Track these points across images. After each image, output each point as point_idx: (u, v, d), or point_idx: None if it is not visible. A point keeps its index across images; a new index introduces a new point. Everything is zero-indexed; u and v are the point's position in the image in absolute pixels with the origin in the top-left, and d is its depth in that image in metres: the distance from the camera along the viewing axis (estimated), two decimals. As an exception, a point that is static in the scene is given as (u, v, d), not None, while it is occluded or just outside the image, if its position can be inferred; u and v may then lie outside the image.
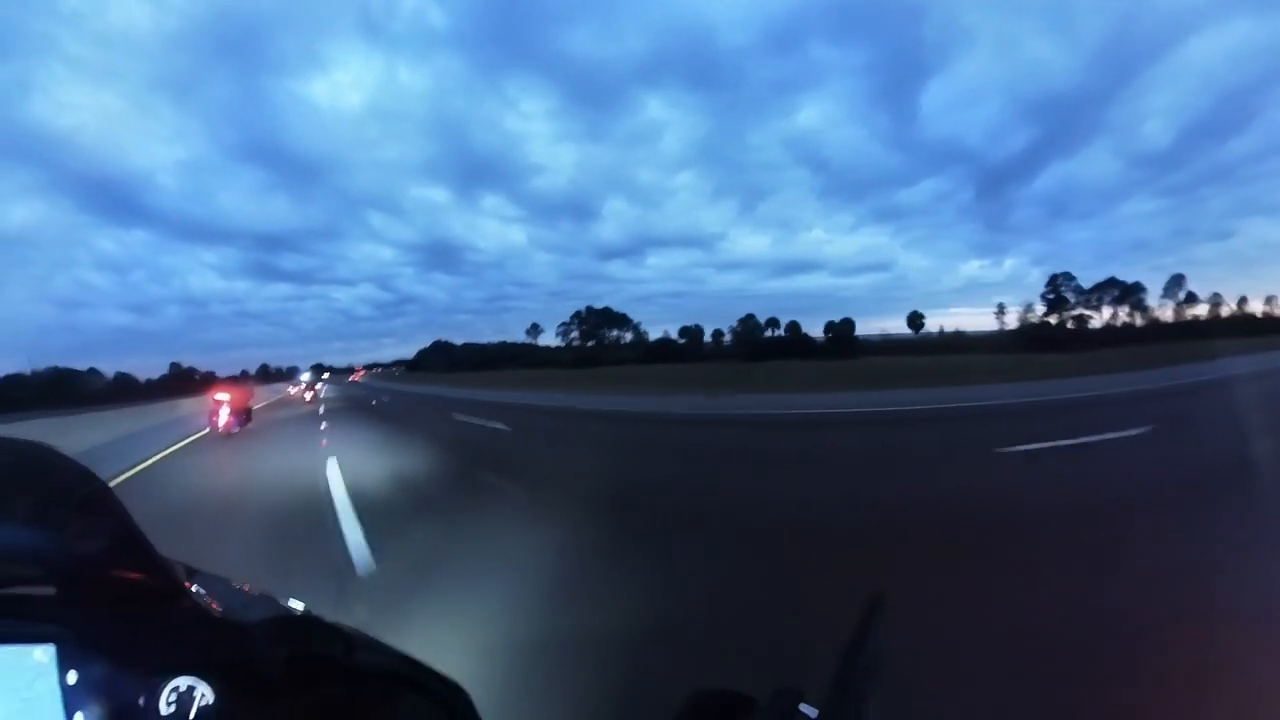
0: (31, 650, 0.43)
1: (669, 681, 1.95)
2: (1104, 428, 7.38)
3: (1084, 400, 11.37)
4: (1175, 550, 3.24)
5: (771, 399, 15.78)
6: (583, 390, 24.60)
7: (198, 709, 0.43)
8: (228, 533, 4.45)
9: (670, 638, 2.38)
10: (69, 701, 0.42)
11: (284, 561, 3.67)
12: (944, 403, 12.09)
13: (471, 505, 5.08)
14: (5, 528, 0.41)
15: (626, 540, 3.92)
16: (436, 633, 2.53)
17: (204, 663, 0.45)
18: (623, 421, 12.39)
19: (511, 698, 1.94)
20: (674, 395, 18.53)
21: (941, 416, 10.22)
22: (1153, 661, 2.06)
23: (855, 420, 10.74)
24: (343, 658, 0.50)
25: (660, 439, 9.63)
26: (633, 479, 6.15)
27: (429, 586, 3.08)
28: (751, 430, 10.23)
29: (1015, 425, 8.71)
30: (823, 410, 12.19)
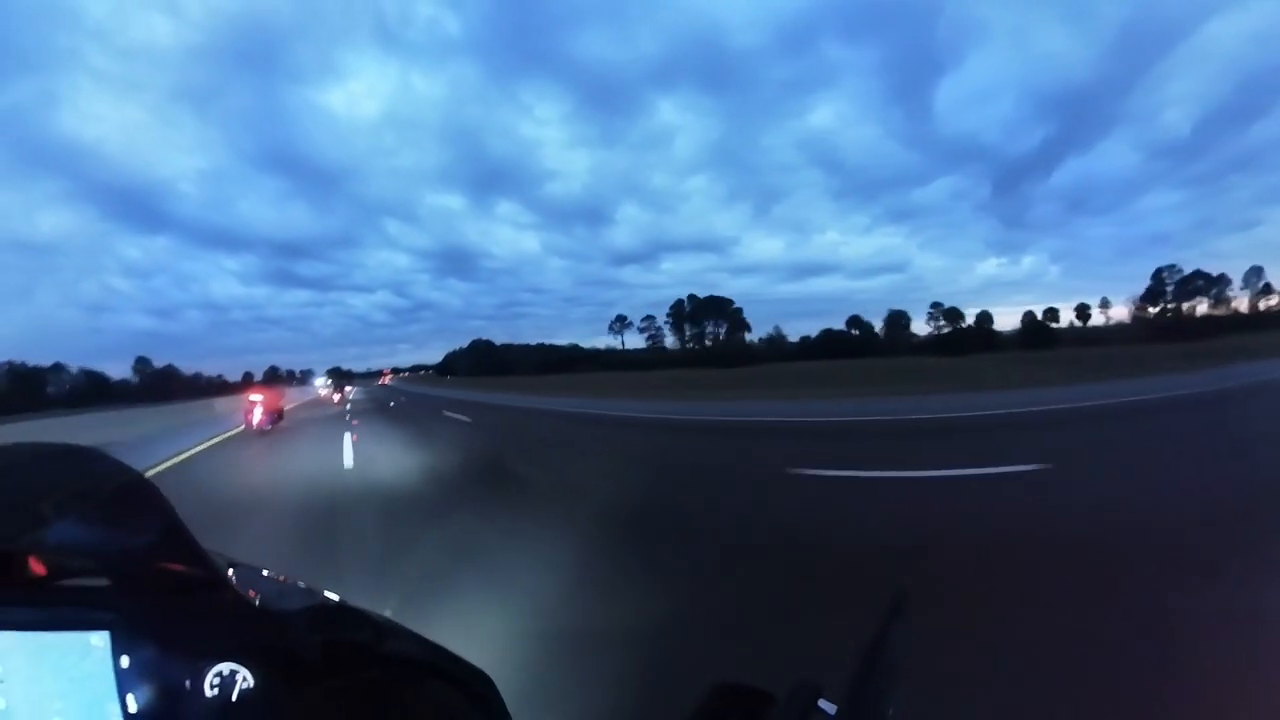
0: (88, 636, 0.46)
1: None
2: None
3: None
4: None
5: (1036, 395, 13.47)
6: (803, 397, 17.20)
7: (239, 692, 0.46)
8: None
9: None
10: (121, 683, 0.45)
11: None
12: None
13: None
14: (64, 525, 0.45)
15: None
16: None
17: (244, 649, 0.47)
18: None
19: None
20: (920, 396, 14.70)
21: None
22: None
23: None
24: (374, 645, 0.53)
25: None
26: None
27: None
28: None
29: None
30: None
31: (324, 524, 4.80)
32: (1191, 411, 9.73)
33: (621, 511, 4.68)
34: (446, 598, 2.99)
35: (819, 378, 28.28)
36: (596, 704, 1.89)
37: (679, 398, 20.59)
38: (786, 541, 3.82)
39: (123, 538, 0.47)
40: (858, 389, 19.47)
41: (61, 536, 0.46)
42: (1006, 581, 2.92)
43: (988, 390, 16.30)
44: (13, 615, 0.47)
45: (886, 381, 22.20)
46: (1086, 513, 4.15)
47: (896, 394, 16.70)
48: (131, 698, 0.45)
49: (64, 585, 0.49)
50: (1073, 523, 3.93)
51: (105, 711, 0.45)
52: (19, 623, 0.46)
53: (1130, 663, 2.04)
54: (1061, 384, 16.40)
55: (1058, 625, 2.37)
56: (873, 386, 20.27)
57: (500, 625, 2.59)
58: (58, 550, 0.48)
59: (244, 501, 6.03)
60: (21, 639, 0.46)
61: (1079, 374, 19.41)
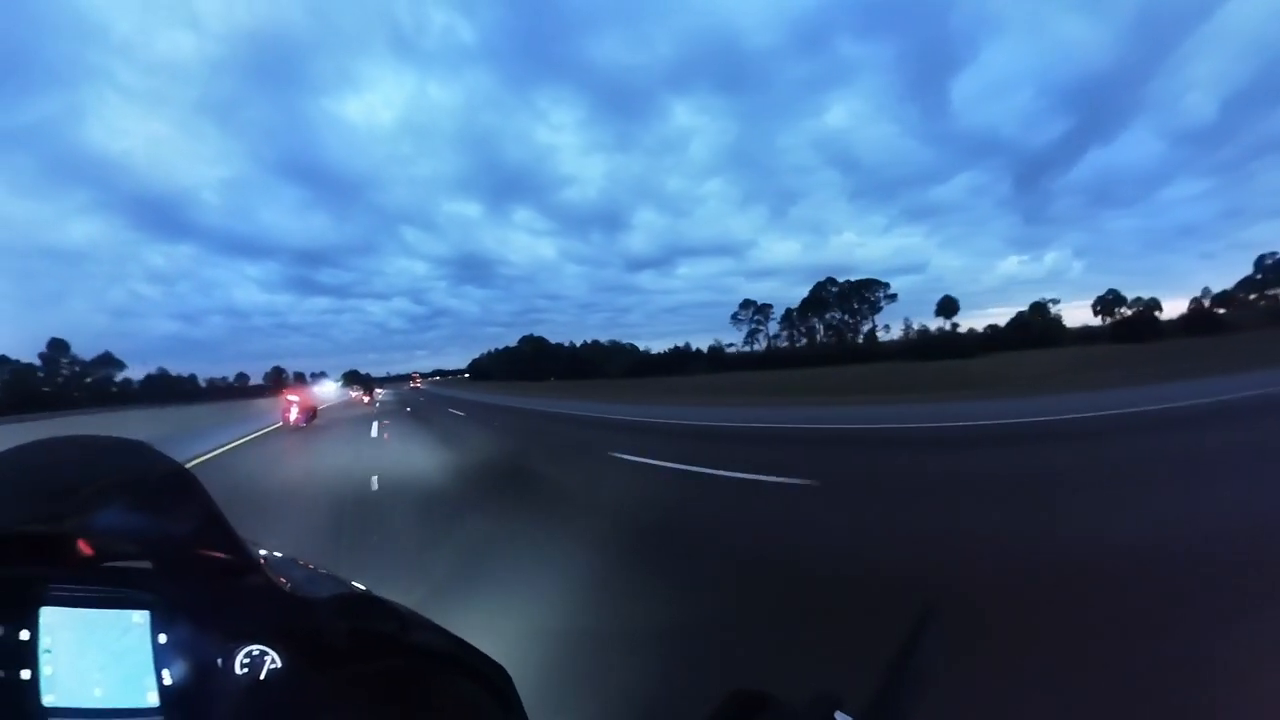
0: (130, 614, 0.49)
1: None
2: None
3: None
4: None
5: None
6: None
7: (267, 672, 0.49)
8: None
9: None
10: (158, 658, 0.48)
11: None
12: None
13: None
14: (111, 512, 0.49)
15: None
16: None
17: (274, 632, 0.50)
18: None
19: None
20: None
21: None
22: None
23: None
24: (398, 634, 0.55)
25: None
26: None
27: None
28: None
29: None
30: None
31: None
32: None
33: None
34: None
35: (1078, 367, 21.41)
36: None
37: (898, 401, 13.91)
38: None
39: (164, 524, 0.51)
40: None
41: (108, 522, 0.50)
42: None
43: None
44: (63, 592, 0.50)
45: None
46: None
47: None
48: (167, 672, 0.48)
49: (109, 566, 0.53)
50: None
51: (143, 684, 0.48)
52: (68, 599, 0.50)
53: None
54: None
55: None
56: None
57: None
58: (104, 534, 0.52)
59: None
60: (69, 614, 0.49)
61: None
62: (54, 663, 0.48)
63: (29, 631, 0.48)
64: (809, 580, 3.04)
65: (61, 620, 0.49)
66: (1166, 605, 2.49)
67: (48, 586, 0.50)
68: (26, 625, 0.48)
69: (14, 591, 0.49)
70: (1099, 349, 42.00)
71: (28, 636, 0.48)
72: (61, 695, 0.48)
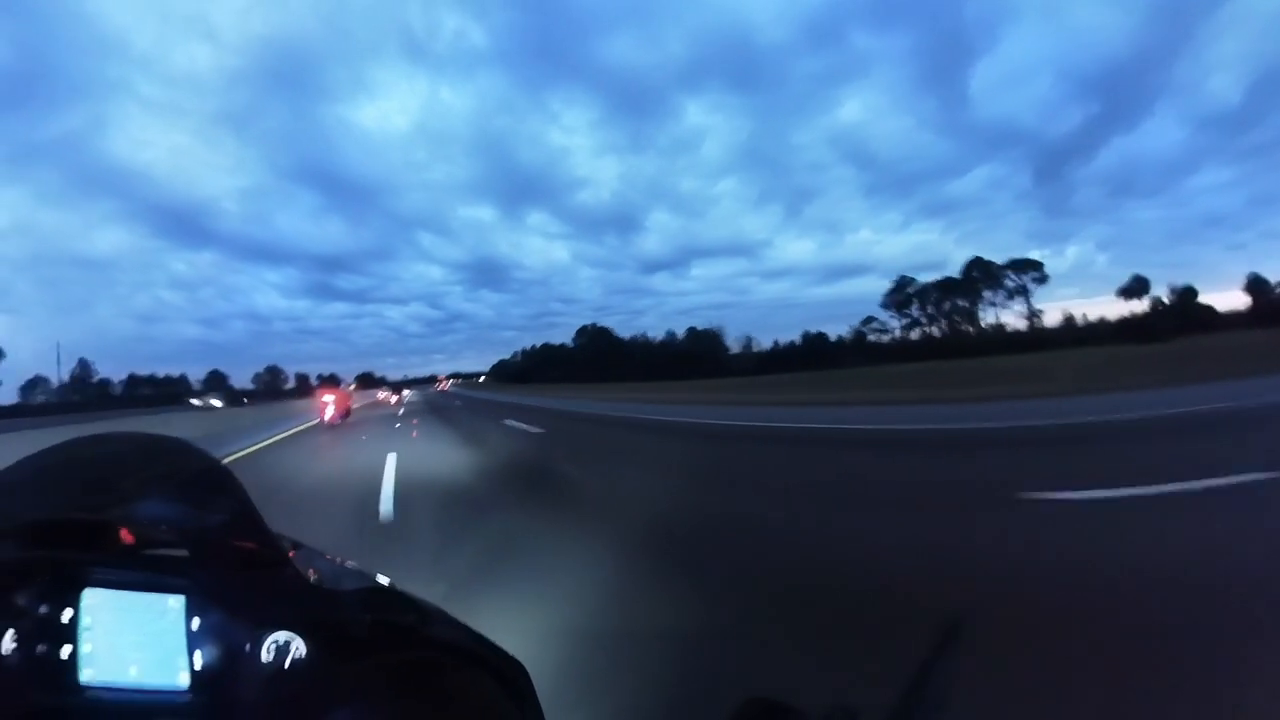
0: (166, 598, 0.52)
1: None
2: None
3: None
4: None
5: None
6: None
7: (292, 659, 0.50)
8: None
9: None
10: (191, 642, 0.51)
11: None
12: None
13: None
14: (151, 503, 0.53)
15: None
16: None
17: (300, 621, 0.52)
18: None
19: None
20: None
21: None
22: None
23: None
24: (419, 627, 0.57)
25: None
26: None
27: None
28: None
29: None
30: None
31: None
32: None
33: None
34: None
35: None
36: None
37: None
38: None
39: (201, 516, 0.54)
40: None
41: (148, 512, 0.53)
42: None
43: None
44: (104, 575, 0.53)
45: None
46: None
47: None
48: (198, 655, 0.51)
49: (148, 554, 0.55)
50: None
51: (175, 665, 0.50)
52: (109, 582, 0.53)
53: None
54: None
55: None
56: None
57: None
58: (144, 524, 0.55)
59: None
60: (110, 596, 0.52)
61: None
62: (93, 641, 0.51)
63: (72, 611, 0.51)
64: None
65: (102, 602, 0.52)
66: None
67: (91, 570, 0.53)
68: (70, 605, 0.51)
69: (60, 573, 0.53)
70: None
71: (70, 616, 0.51)
72: (99, 672, 0.50)
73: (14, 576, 0.53)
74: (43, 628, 0.51)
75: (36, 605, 0.52)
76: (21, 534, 0.54)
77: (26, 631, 0.51)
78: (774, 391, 21.97)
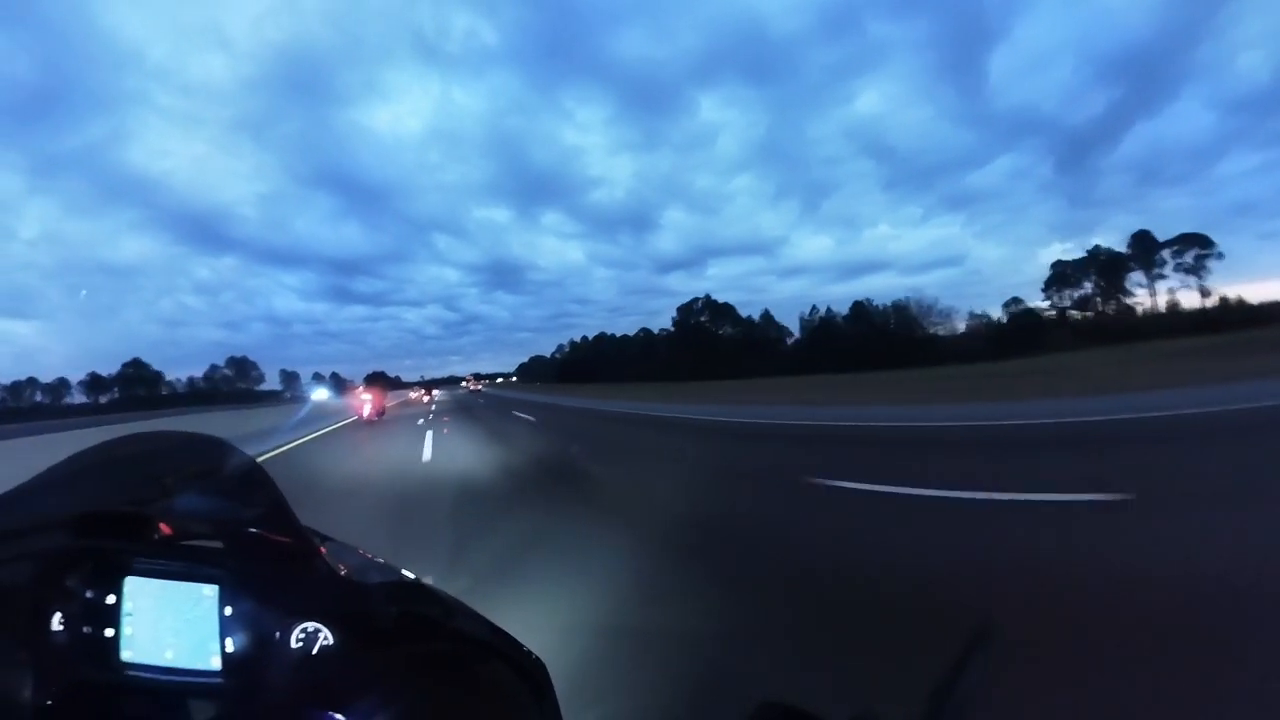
0: (201, 587, 0.56)
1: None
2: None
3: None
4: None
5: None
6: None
7: (319, 647, 0.53)
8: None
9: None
10: (223, 628, 0.54)
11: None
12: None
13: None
14: (189, 497, 0.58)
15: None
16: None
17: (328, 611, 0.55)
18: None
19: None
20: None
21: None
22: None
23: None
24: (443, 621, 0.59)
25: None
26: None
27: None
28: None
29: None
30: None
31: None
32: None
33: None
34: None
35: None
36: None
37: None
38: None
39: (235, 511, 0.58)
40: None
41: (186, 506, 0.58)
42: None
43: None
44: (145, 564, 0.57)
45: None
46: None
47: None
48: (230, 641, 0.54)
49: (186, 545, 0.59)
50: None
51: (208, 649, 0.54)
52: (148, 571, 0.57)
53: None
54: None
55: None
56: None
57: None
58: (182, 517, 0.60)
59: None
60: (149, 584, 0.56)
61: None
62: (134, 625, 0.55)
63: (115, 596, 0.56)
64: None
65: (143, 589, 0.56)
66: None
67: (133, 559, 0.57)
68: (113, 591, 0.56)
69: (104, 562, 0.57)
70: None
71: (113, 601, 0.56)
72: (138, 653, 0.55)
73: (63, 563, 0.57)
74: (88, 610, 0.56)
75: (83, 590, 0.56)
76: (70, 525, 0.59)
77: (73, 613, 0.56)
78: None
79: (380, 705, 0.50)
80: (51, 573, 0.57)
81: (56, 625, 0.55)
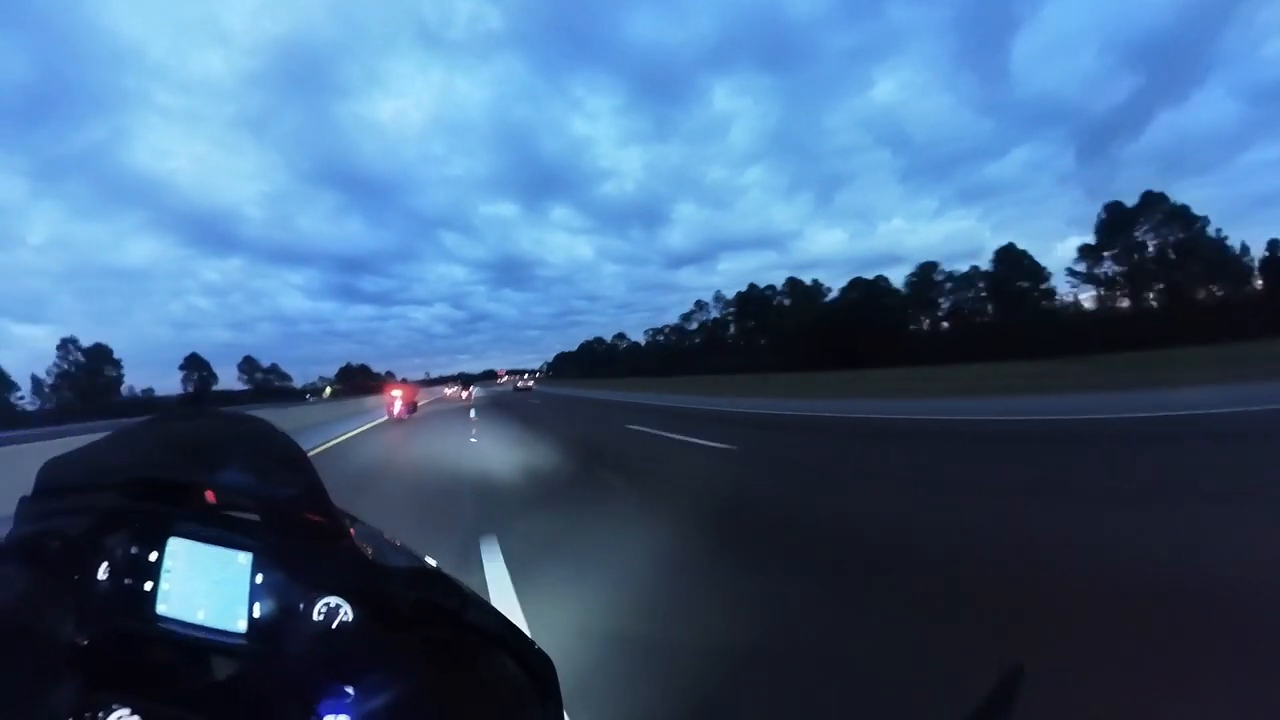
0: (236, 554, 0.59)
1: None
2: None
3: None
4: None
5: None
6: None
7: (339, 622, 0.56)
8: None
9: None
10: (252, 594, 0.58)
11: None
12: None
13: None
14: (233, 472, 0.61)
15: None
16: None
17: (350, 589, 0.57)
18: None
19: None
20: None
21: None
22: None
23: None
24: (457, 609, 0.60)
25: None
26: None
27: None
28: None
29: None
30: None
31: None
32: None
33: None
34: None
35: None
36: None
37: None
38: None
39: (274, 488, 0.61)
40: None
41: (230, 479, 0.61)
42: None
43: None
44: (186, 528, 0.61)
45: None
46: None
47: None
48: (258, 606, 0.57)
49: (226, 514, 0.63)
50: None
51: (236, 613, 0.57)
52: (190, 534, 0.61)
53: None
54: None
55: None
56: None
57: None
58: (226, 489, 0.64)
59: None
60: (190, 546, 0.61)
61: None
62: (171, 581, 0.59)
63: (157, 554, 0.60)
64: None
65: (183, 550, 0.60)
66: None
67: (176, 522, 0.62)
68: (155, 549, 0.60)
69: (150, 522, 0.62)
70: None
71: (155, 558, 0.60)
72: (172, 608, 0.59)
73: (113, 520, 0.63)
74: (131, 564, 0.60)
75: (128, 546, 0.61)
76: (121, 487, 0.64)
77: (117, 566, 0.60)
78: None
79: (390, 683, 0.52)
80: (102, 528, 0.62)
81: (102, 574, 0.60)
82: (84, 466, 0.66)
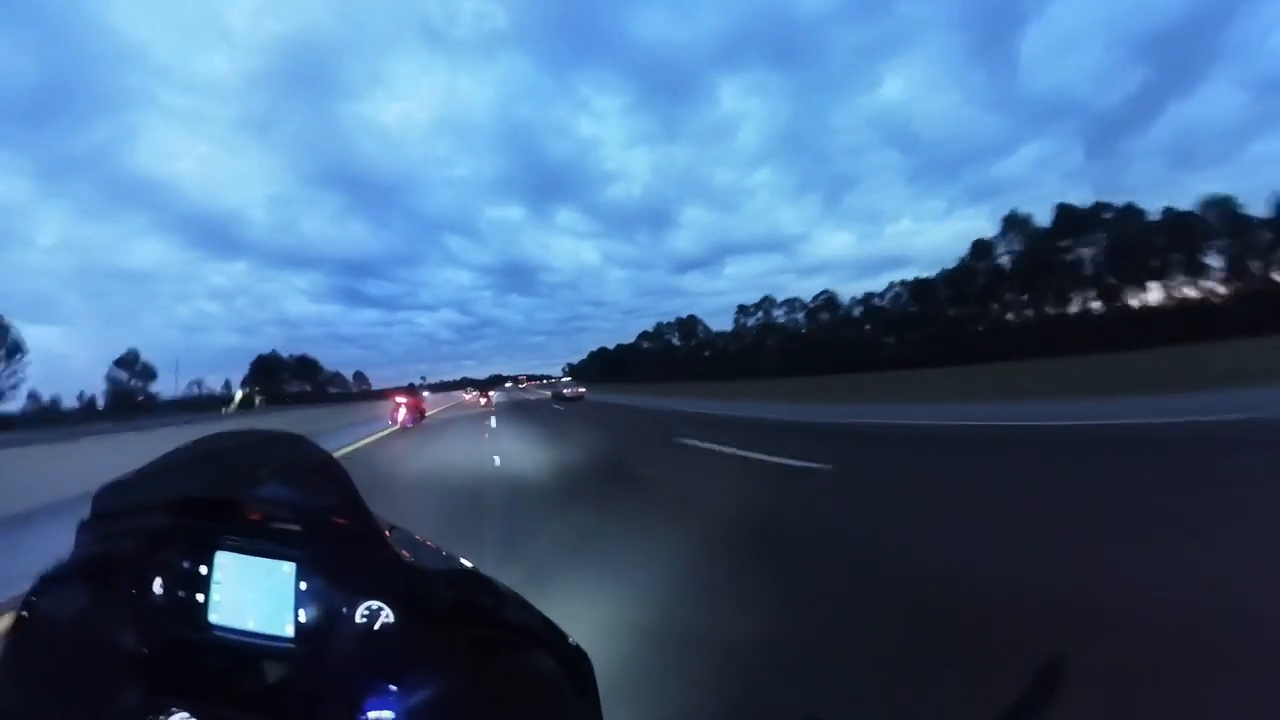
0: (280, 564, 0.63)
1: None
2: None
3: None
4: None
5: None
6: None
7: (381, 624, 0.59)
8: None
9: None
10: (298, 601, 0.61)
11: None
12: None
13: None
14: (273, 486, 0.66)
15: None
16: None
17: (391, 592, 0.60)
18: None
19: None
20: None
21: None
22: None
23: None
24: (495, 609, 0.64)
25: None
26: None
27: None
28: None
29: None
30: None
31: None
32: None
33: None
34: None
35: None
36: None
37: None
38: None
39: (312, 499, 0.65)
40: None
41: (270, 494, 0.66)
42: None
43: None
44: (233, 542, 0.65)
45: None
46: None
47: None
48: (303, 612, 0.61)
49: (269, 527, 0.67)
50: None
51: (283, 619, 0.61)
52: (236, 548, 0.65)
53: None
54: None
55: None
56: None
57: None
58: (267, 503, 0.67)
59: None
60: (236, 559, 0.64)
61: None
62: (221, 593, 0.63)
63: (206, 568, 0.64)
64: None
65: (230, 563, 0.64)
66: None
67: (223, 537, 0.65)
68: (205, 563, 0.64)
69: (199, 539, 0.66)
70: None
71: (205, 572, 0.64)
72: (223, 617, 0.63)
73: (164, 539, 0.66)
74: (183, 578, 0.64)
75: (180, 561, 0.65)
76: (170, 507, 0.68)
77: (171, 580, 0.64)
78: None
79: (432, 681, 0.55)
80: (154, 546, 0.66)
81: (157, 589, 0.64)
82: (134, 490, 0.70)
